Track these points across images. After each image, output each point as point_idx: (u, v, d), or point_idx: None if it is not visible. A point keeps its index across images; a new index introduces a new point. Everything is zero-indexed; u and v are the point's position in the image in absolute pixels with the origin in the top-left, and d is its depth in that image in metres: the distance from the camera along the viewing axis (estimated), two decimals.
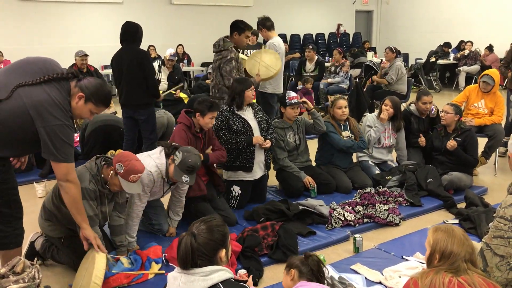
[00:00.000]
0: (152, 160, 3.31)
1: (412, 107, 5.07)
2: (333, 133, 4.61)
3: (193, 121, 3.77)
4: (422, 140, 4.92)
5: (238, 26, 4.78)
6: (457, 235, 2.03)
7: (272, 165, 4.54)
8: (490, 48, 11.90)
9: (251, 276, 2.88)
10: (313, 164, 4.83)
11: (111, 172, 3.00)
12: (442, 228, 2.09)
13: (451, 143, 4.53)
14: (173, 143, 3.45)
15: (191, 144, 3.67)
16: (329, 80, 8.61)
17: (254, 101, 4.43)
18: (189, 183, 3.32)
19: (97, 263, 2.74)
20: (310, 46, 8.92)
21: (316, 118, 4.50)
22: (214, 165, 4.12)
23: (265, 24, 5.48)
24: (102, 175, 3.02)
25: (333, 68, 8.87)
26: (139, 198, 3.33)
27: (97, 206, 3.03)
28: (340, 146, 4.59)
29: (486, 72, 5.40)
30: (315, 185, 4.40)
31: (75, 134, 6.45)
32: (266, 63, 5.20)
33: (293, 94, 4.51)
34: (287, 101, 4.42)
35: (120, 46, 4.68)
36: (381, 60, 9.05)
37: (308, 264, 2.36)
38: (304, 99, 4.74)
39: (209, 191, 3.91)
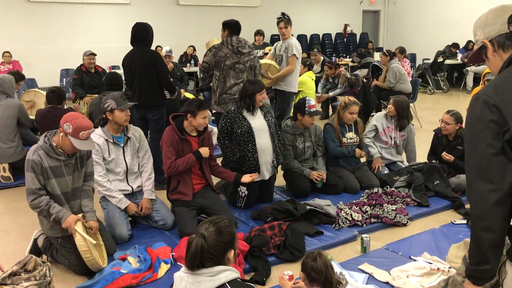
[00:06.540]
0: (93, 134, 3.61)
1: None
2: (330, 139, 4.62)
3: (178, 126, 3.73)
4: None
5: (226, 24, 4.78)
6: None
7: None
8: None
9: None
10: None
11: (61, 134, 3.01)
12: None
13: (446, 157, 4.49)
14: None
15: (178, 148, 3.70)
16: (330, 94, 8.18)
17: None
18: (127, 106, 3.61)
19: (77, 241, 2.93)
20: (315, 50, 8.86)
21: None
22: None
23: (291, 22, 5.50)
24: (54, 143, 3.03)
25: (329, 85, 8.34)
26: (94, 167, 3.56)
27: (48, 179, 3.03)
28: (332, 154, 4.62)
29: (488, 70, 5.41)
30: (323, 176, 4.39)
31: None
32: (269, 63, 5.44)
33: (313, 102, 4.38)
34: (306, 108, 4.32)
35: (128, 47, 4.69)
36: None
37: (317, 264, 2.34)
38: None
39: (211, 198, 3.89)
